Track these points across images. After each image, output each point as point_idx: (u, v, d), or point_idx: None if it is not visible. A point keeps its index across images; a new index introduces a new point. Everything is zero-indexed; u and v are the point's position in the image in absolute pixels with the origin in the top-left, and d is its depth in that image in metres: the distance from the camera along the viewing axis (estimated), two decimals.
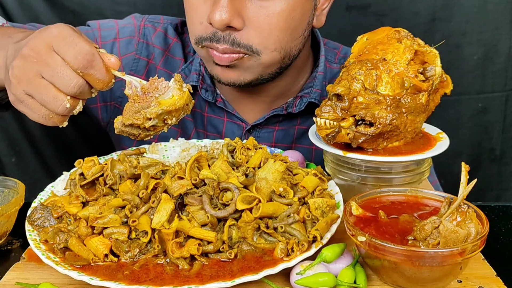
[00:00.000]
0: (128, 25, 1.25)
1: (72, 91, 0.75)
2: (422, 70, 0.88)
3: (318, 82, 1.19)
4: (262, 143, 1.22)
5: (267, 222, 0.77)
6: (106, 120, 1.29)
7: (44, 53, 0.75)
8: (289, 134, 1.22)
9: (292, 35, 1.05)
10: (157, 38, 1.24)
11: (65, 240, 0.78)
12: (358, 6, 1.74)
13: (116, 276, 0.72)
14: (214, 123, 1.24)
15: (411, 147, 0.89)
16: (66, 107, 0.76)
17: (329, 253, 0.74)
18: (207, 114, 1.24)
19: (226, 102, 1.21)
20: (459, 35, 1.75)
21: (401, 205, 0.80)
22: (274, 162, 0.84)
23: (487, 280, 0.75)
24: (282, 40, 1.04)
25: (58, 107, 0.75)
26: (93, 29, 1.23)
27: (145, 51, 1.24)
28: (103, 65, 0.76)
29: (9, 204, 0.87)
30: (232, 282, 0.69)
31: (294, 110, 1.18)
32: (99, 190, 0.83)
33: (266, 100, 1.21)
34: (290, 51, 1.08)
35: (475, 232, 0.69)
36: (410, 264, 0.68)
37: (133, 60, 1.23)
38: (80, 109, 0.78)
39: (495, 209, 1.01)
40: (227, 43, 1.00)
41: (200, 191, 0.80)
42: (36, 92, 0.76)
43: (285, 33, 1.03)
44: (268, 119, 1.20)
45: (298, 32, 1.07)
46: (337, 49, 1.28)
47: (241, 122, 1.22)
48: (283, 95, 1.21)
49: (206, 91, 1.19)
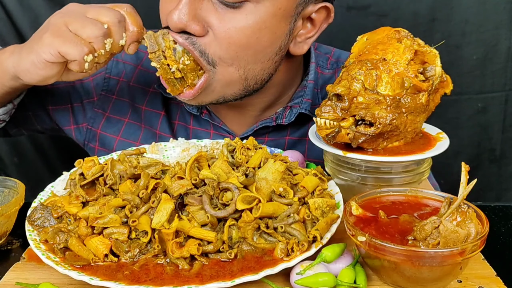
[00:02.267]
0: None
1: (114, 18, 0.92)
2: (422, 70, 0.88)
3: (308, 91, 1.13)
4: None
5: (267, 222, 0.77)
6: (81, 141, 1.24)
7: (77, 8, 0.94)
8: (279, 144, 1.16)
9: (255, 56, 0.98)
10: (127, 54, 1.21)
11: (65, 240, 0.78)
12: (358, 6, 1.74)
13: (116, 276, 0.72)
14: (200, 136, 1.17)
15: (411, 147, 0.89)
16: (104, 28, 0.91)
17: (329, 253, 0.74)
18: (192, 127, 1.19)
19: (212, 114, 1.15)
20: (459, 35, 1.75)
21: (401, 205, 0.80)
22: (274, 162, 0.84)
23: (487, 280, 0.75)
24: (242, 58, 0.97)
25: (97, 28, 0.90)
26: None
27: (115, 69, 1.20)
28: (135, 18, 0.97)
29: (9, 204, 0.87)
30: (232, 282, 0.69)
31: (284, 121, 1.12)
32: (99, 190, 0.83)
33: (253, 114, 1.15)
34: (255, 74, 1.01)
35: (475, 232, 0.69)
36: (410, 264, 0.68)
37: (103, 80, 1.20)
38: (103, 59, 0.95)
39: (495, 209, 1.01)
40: (185, 39, 0.95)
41: (200, 191, 0.80)
42: (80, 24, 0.90)
43: (245, 52, 0.96)
44: (257, 130, 1.14)
45: (266, 56, 0.99)
46: (329, 53, 1.23)
47: (229, 134, 1.16)
48: (272, 106, 1.15)
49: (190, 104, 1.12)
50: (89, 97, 1.21)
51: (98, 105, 1.21)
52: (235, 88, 1.02)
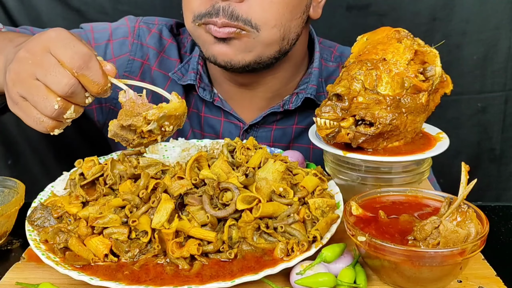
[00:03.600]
0: (121, 26, 1.25)
1: (64, 91, 0.75)
2: (422, 70, 0.88)
3: (313, 78, 1.19)
4: (260, 142, 1.21)
5: (267, 222, 0.77)
6: (102, 122, 1.28)
7: (40, 54, 0.75)
8: (287, 133, 1.22)
9: (292, 13, 1.05)
10: (152, 39, 1.24)
11: (65, 240, 0.78)
12: (359, 6, 1.74)
13: (116, 276, 0.72)
14: (211, 123, 1.23)
15: (411, 147, 0.89)
16: (55, 108, 0.75)
17: (329, 253, 0.74)
18: (204, 114, 1.24)
19: (223, 101, 1.21)
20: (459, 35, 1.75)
21: (401, 205, 0.80)
22: (274, 162, 0.84)
23: (487, 280, 0.75)
24: (282, 16, 1.03)
25: (47, 107, 0.75)
26: (86, 31, 1.23)
27: (139, 52, 1.23)
28: (99, 67, 0.76)
29: (9, 204, 0.87)
30: (232, 282, 0.69)
31: (291, 106, 1.17)
32: (99, 190, 0.83)
33: (263, 96, 1.21)
34: (289, 32, 1.07)
35: (475, 232, 0.69)
36: (410, 264, 0.68)
37: (127, 61, 1.23)
38: (73, 116, 0.78)
39: (495, 209, 1.01)
40: (226, 15, 0.99)
41: (200, 191, 0.80)
42: (28, 93, 0.76)
43: (285, 9, 1.03)
44: (266, 118, 1.20)
45: (297, 12, 1.07)
46: (332, 47, 1.29)
47: (239, 121, 1.22)
48: (280, 91, 1.21)
49: (203, 90, 1.19)
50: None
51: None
52: (273, 49, 1.07)
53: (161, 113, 0.77)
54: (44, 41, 0.76)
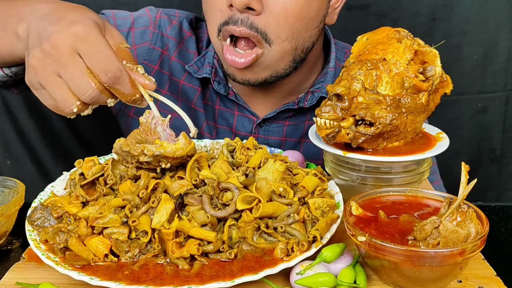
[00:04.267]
0: (143, 15, 1.26)
1: (85, 99, 0.75)
2: (422, 70, 0.88)
3: (329, 78, 1.21)
4: (272, 137, 1.24)
5: (267, 222, 0.77)
6: (118, 108, 1.30)
7: (67, 55, 0.73)
8: (298, 129, 1.24)
9: (306, 25, 1.06)
10: (172, 30, 1.26)
11: (65, 240, 0.78)
12: (359, 6, 1.74)
13: (116, 276, 0.72)
14: (225, 116, 1.26)
15: (411, 147, 0.89)
16: (73, 111, 0.76)
17: (329, 253, 0.74)
18: (218, 107, 1.26)
19: (237, 96, 1.23)
20: (459, 35, 1.75)
21: (401, 205, 0.80)
22: (274, 162, 0.84)
23: (487, 280, 0.75)
24: (295, 29, 1.05)
25: (66, 108, 0.76)
26: (108, 17, 1.24)
27: (159, 41, 1.25)
28: (129, 80, 0.76)
29: (9, 204, 0.87)
30: (232, 282, 0.69)
31: (306, 104, 1.20)
32: (99, 190, 0.83)
33: (278, 95, 1.23)
34: (304, 42, 1.09)
35: (475, 232, 0.69)
36: (410, 264, 0.68)
37: (147, 50, 1.24)
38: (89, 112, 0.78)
39: (495, 209, 1.01)
40: (244, 25, 1.02)
41: (200, 191, 0.80)
42: (50, 88, 0.75)
43: (299, 23, 1.05)
44: (279, 113, 1.22)
45: (314, 24, 1.09)
46: (346, 48, 1.31)
47: (252, 115, 1.24)
48: (295, 91, 1.23)
49: (218, 84, 1.21)
50: None
51: None
52: (286, 60, 1.09)
53: (157, 151, 0.77)
54: (72, 38, 0.73)
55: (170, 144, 0.78)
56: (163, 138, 0.81)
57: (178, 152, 0.78)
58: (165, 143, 0.78)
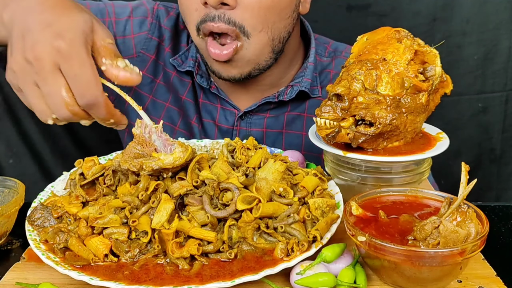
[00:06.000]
0: (140, 6, 1.28)
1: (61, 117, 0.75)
2: (422, 70, 0.88)
3: (308, 72, 1.23)
4: (254, 129, 1.26)
5: (267, 222, 0.77)
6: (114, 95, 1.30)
7: (48, 70, 0.72)
8: (279, 120, 1.26)
9: (280, 15, 1.08)
10: (169, 21, 1.28)
11: (65, 240, 0.78)
12: (359, 6, 1.74)
13: (116, 276, 0.72)
14: (208, 109, 1.28)
15: (411, 147, 0.89)
16: (48, 122, 0.77)
17: (329, 253, 0.74)
18: (202, 100, 1.29)
19: (219, 89, 1.25)
20: (459, 35, 1.75)
21: (401, 205, 0.80)
22: (274, 162, 0.84)
23: (487, 280, 0.75)
24: (269, 19, 1.07)
25: (41, 117, 0.76)
26: (106, 4, 1.26)
27: (157, 31, 1.27)
28: (104, 107, 0.76)
29: (9, 204, 0.87)
30: (232, 282, 0.69)
31: (285, 98, 1.22)
32: (99, 190, 0.83)
33: (259, 89, 1.25)
34: (279, 32, 1.11)
35: (475, 232, 0.69)
36: (410, 264, 0.68)
37: (145, 39, 1.26)
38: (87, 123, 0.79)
39: (495, 209, 1.01)
40: (222, 21, 1.04)
41: (200, 191, 0.80)
42: (28, 96, 0.76)
43: (273, 13, 1.07)
44: (260, 106, 1.24)
45: (287, 13, 1.10)
46: (327, 43, 1.33)
47: (234, 108, 1.26)
48: (275, 84, 1.25)
49: (201, 77, 1.24)
50: (128, 53, 1.27)
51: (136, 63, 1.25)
52: (266, 52, 1.12)
53: (156, 166, 0.78)
54: (55, 54, 0.72)
55: (167, 155, 0.78)
56: (159, 145, 0.80)
57: (177, 162, 0.79)
58: (162, 155, 0.78)
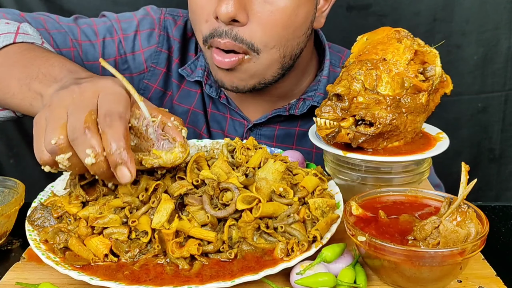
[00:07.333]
0: (146, 16, 1.25)
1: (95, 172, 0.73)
2: (422, 70, 0.88)
3: (322, 86, 1.19)
4: (263, 141, 1.23)
5: (267, 222, 0.77)
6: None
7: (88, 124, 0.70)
8: (290, 134, 1.23)
9: (294, 32, 1.05)
10: (178, 31, 1.25)
11: (65, 240, 0.78)
12: (359, 6, 1.74)
13: (116, 276, 0.72)
14: (217, 119, 1.25)
15: (411, 147, 0.90)
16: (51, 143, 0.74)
17: (329, 253, 0.74)
18: (211, 110, 1.26)
19: (229, 99, 1.22)
20: (459, 35, 1.76)
21: (401, 205, 0.80)
22: (274, 162, 0.84)
23: (487, 280, 0.75)
24: (283, 37, 1.03)
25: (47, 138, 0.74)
26: (112, 20, 1.23)
27: (166, 44, 1.24)
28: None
29: (9, 204, 0.87)
30: (232, 282, 0.69)
31: (297, 112, 1.18)
32: (99, 190, 0.83)
33: (269, 100, 1.21)
34: (292, 49, 1.07)
35: (475, 232, 0.69)
36: (410, 264, 0.68)
37: (155, 53, 1.24)
38: (66, 164, 0.75)
39: (495, 209, 1.01)
40: (229, 37, 1.01)
41: (200, 191, 0.80)
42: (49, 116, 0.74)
43: (287, 31, 1.03)
44: (270, 118, 1.21)
45: (301, 30, 1.07)
46: (341, 53, 1.29)
47: (243, 120, 1.23)
48: (286, 96, 1.22)
49: (210, 87, 1.21)
50: (140, 69, 1.24)
51: (147, 77, 1.25)
52: (274, 67, 1.08)
53: (156, 163, 0.77)
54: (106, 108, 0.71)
55: (167, 154, 0.78)
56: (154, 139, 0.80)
57: (177, 161, 0.79)
58: (163, 153, 0.78)
